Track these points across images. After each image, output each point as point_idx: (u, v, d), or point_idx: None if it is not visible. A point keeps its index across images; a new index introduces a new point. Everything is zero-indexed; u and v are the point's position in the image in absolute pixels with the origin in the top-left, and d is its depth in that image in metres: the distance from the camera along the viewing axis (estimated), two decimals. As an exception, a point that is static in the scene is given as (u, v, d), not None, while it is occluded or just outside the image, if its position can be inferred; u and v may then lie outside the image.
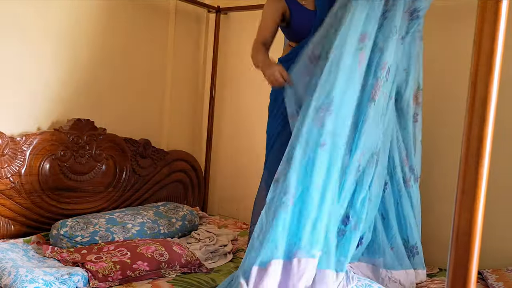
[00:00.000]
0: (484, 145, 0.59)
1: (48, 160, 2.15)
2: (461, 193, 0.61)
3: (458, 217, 0.61)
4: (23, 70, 2.15)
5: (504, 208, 2.12)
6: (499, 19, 0.58)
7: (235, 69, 2.99)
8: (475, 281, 0.61)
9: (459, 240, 0.61)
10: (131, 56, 2.62)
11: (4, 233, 2.02)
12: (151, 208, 2.35)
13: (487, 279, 1.86)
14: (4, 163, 2.00)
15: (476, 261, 0.61)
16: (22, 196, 2.07)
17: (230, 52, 3.01)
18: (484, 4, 0.59)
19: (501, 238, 2.10)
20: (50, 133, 2.17)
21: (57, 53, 2.28)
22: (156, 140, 2.73)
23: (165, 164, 2.69)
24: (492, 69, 0.58)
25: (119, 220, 2.13)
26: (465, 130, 0.60)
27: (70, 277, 1.59)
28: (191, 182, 2.86)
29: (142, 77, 2.70)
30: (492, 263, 1.99)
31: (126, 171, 2.48)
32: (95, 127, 2.33)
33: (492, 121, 0.59)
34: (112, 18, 2.50)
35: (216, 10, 2.96)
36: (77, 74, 2.37)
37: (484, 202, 0.60)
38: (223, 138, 3.07)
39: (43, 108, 2.25)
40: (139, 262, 1.80)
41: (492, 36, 0.58)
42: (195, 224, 2.42)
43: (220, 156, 3.08)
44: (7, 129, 2.08)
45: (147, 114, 2.77)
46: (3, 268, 1.58)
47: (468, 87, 0.61)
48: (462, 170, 0.61)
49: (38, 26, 2.19)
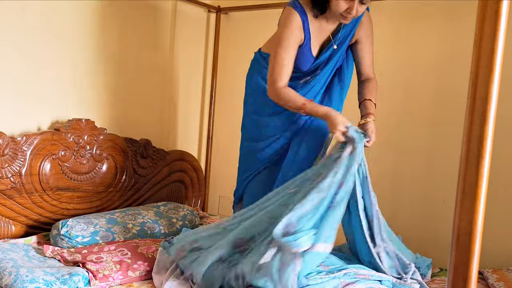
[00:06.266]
0: (484, 145, 0.59)
1: (48, 160, 2.15)
2: (461, 193, 0.61)
3: (459, 217, 0.61)
4: (23, 70, 2.16)
5: (505, 208, 2.12)
6: (500, 19, 0.58)
7: (236, 69, 2.98)
8: (475, 281, 0.61)
9: (459, 240, 0.61)
10: (131, 56, 2.62)
11: (4, 233, 2.03)
12: (152, 208, 2.35)
13: (487, 279, 1.86)
14: (5, 163, 2.00)
15: (476, 261, 0.61)
16: (22, 196, 2.07)
17: (230, 52, 3.01)
18: (484, 4, 0.59)
19: (501, 238, 2.10)
20: (51, 133, 2.17)
21: (57, 53, 2.28)
22: (156, 140, 2.73)
23: (166, 164, 2.69)
24: (493, 69, 0.58)
25: (119, 220, 2.13)
26: (466, 130, 0.60)
27: (70, 277, 1.59)
28: (191, 182, 2.86)
29: (142, 77, 2.70)
30: (493, 263, 1.99)
31: (126, 171, 2.49)
32: (95, 127, 2.34)
33: (492, 121, 0.59)
34: (112, 18, 2.50)
35: (217, 10, 2.96)
36: (77, 74, 2.37)
37: (484, 202, 0.60)
38: (223, 138, 3.07)
39: (43, 108, 2.25)
40: (139, 262, 1.80)
41: (492, 36, 0.58)
42: (195, 224, 2.42)
43: (220, 156, 3.08)
44: (7, 129, 2.08)
45: (147, 114, 2.77)
46: (4, 268, 1.58)
47: (468, 87, 0.60)
48: (463, 170, 0.61)
49: (38, 26, 2.19)
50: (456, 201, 0.61)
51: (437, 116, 2.31)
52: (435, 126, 2.32)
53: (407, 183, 2.38)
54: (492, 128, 0.59)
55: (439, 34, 2.30)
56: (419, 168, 2.37)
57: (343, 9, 1.72)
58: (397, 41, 2.42)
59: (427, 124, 2.34)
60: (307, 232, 1.52)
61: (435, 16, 2.30)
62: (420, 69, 2.35)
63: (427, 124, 2.34)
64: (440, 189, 2.30)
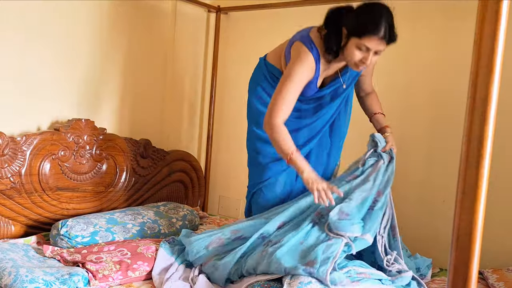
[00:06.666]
0: (484, 145, 0.59)
1: (48, 160, 2.15)
2: (461, 193, 0.61)
3: (459, 217, 0.61)
4: (23, 70, 2.15)
5: (505, 208, 2.12)
6: (500, 19, 0.58)
7: (236, 69, 2.98)
8: (475, 281, 0.61)
9: (459, 240, 0.61)
10: (131, 55, 2.62)
11: (4, 233, 2.03)
12: (152, 208, 2.35)
13: (487, 279, 1.86)
14: (4, 163, 2.00)
15: (476, 261, 0.60)
16: (22, 196, 2.07)
17: (230, 52, 3.01)
18: (484, 4, 0.59)
19: (501, 238, 2.10)
20: (50, 133, 2.17)
21: (57, 53, 2.28)
22: (156, 140, 2.73)
23: (166, 164, 2.69)
24: (493, 69, 0.58)
25: (119, 220, 2.13)
26: (466, 130, 0.60)
27: (70, 277, 1.59)
28: (191, 182, 2.86)
29: (142, 76, 2.70)
30: (493, 263, 1.99)
31: (126, 171, 2.48)
32: (95, 127, 2.33)
33: (492, 121, 0.59)
34: (112, 18, 2.49)
35: (216, 10, 2.96)
36: (77, 74, 2.37)
37: (484, 202, 0.60)
38: (223, 138, 3.07)
39: (43, 108, 2.25)
40: (139, 262, 1.80)
41: (492, 36, 0.58)
42: (195, 224, 2.42)
43: (220, 156, 3.08)
44: (7, 129, 2.08)
45: (147, 114, 2.77)
46: (3, 268, 1.58)
47: (469, 87, 0.60)
48: (463, 170, 0.60)
49: (38, 26, 2.19)
50: (456, 201, 0.61)
51: (437, 116, 2.31)
52: (435, 126, 2.32)
53: (407, 183, 2.38)
54: (492, 128, 0.59)
55: (439, 34, 2.30)
56: (419, 168, 2.37)
57: (357, 59, 1.70)
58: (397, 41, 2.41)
59: (427, 124, 2.34)
60: (358, 222, 1.73)
61: (435, 16, 2.30)
62: (420, 69, 2.35)
63: (427, 124, 2.34)
64: (440, 189, 2.30)
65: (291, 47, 1.83)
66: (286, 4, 2.67)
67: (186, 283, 1.70)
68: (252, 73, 2.07)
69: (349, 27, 1.69)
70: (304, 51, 1.77)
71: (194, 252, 1.81)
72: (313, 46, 1.77)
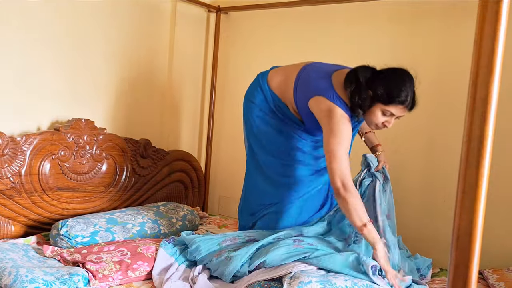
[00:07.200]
0: (484, 145, 0.59)
1: (48, 160, 2.15)
2: (461, 193, 0.60)
3: (459, 217, 0.61)
4: (23, 70, 2.16)
5: (505, 208, 2.12)
6: (500, 19, 0.58)
7: (236, 69, 2.99)
8: (476, 281, 0.61)
9: (459, 240, 0.61)
10: (131, 55, 2.62)
11: (4, 233, 2.03)
12: (152, 208, 2.35)
13: (487, 279, 1.86)
14: (4, 163, 2.00)
15: (477, 261, 0.60)
16: (22, 196, 2.07)
17: (230, 52, 3.01)
18: (484, 4, 0.58)
19: (501, 238, 2.10)
20: (50, 133, 2.17)
21: (57, 53, 2.28)
22: (156, 140, 2.73)
23: (166, 164, 2.69)
24: (493, 69, 0.58)
25: (119, 220, 2.13)
26: (466, 130, 0.60)
27: (70, 277, 1.59)
28: (191, 182, 2.86)
29: (142, 76, 2.70)
30: (493, 263, 1.99)
31: (126, 171, 2.48)
32: (95, 127, 2.33)
33: (493, 121, 0.59)
34: (112, 18, 2.49)
35: (217, 9, 2.96)
36: (77, 73, 2.37)
37: (484, 202, 0.60)
38: (223, 138, 3.07)
39: (43, 108, 2.25)
40: (139, 262, 1.80)
41: (492, 36, 0.58)
42: (195, 224, 2.42)
43: (220, 156, 3.08)
44: (7, 129, 2.08)
45: (147, 114, 2.77)
46: (3, 268, 1.58)
47: (469, 87, 0.60)
48: (463, 170, 0.60)
49: (39, 26, 2.19)
50: (456, 201, 0.61)
51: (437, 116, 2.31)
52: (435, 127, 2.32)
53: (407, 183, 2.38)
54: (492, 128, 0.59)
55: (439, 34, 2.30)
56: (419, 168, 2.37)
57: (380, 122, 1.75)
58: (397, 42, 2.42)
59: (427, 124, 2.34)
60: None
61: (435, 16, 2.30)
62: (420, 69, 2.35)
63: (427, 124, 2.34)
64: (440, 189, 2.30)
65: (310, 99, 1.81)
66: (286, 4, 2.67)
67: (186, 283, 1.70)
68: (250, 89, 2.07)
69: (376, 93, 1.71)
70: (336, 109, 1.75)
71: (206, 248, 1.83)
72: (342, 102, 1.77)
